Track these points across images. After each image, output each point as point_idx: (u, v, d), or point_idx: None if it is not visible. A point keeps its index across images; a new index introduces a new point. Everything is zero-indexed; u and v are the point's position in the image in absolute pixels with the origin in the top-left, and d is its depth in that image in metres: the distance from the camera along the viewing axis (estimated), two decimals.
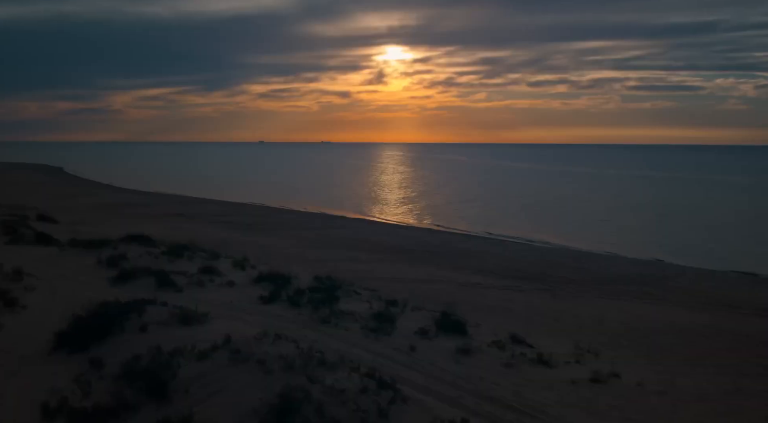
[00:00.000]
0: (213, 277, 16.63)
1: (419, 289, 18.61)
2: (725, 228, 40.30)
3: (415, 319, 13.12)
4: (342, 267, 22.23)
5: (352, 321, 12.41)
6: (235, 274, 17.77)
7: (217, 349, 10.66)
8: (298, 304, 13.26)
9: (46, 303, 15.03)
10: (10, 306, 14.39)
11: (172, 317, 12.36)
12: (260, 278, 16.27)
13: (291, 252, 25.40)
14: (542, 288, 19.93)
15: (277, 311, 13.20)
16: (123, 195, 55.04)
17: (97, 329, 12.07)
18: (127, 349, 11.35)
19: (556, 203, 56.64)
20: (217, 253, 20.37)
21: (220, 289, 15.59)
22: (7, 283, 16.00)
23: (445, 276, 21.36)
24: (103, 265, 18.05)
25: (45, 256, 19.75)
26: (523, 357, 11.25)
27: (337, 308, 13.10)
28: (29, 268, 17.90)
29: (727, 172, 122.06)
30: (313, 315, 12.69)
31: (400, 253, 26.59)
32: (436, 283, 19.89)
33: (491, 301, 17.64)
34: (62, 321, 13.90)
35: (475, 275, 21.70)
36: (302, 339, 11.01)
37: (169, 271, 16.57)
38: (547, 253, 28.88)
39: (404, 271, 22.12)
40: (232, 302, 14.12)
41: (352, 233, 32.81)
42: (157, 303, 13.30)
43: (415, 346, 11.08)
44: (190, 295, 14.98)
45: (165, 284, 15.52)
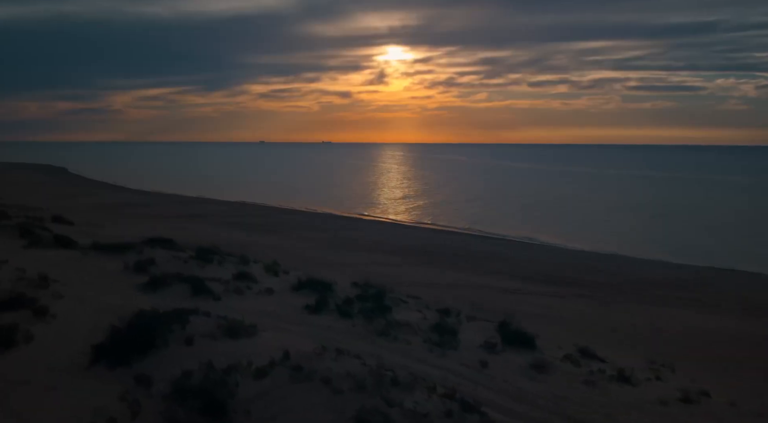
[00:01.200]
0: (249, 284, 15.79)
1: (459, 295, 17.81)
2: (744, 229, 39.59)
3: (474, 330, 12.33)
4: (368, 271, 21.41)
5: (410, 333, 11.60)
6: (269, 280, 16.96)
7: (275, 365, 9.84)
8: (348, 315, 12.44)
9: (76, 311, 14.19)
10: (39, 315, 13.52)
11: (219, 329, 11.54)
12: (299, 285, 15.43)
13: (311, 255, 24.59)
14: (582, 294, 19.16)
15: (327, 322, 12.38)
16: (131, 195, 54.18)
17: (140, 342, 11.26)
18: (174, 365, 10.54)
19: (566, 204, 55.97)
20: (247, 257, 19.54)
21: (258, 297, 14.76)
22: (34, 290, 15.14)
23: (479, 281, 20.57)
24: (130, 271, 17.21)
25: (67, 261, 18.91)
26: (602, 374, 10.46)
27: (391, 319, 12.29)
28: (53, 273, 17.05)
29: (733, 172, 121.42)
30: (367, 326, 11.87)
31: (423, 256, 25.79)
32: (474, 289, 19.11)
33: (536, 308, 16.85)
34: (95, 331, 13.07)
35: (510, 280, 20.92)
36: (364, 354, 10.22)
37: (203, 278, 15.75)
38: (571, 256, 28.13)
39: (434, 275, 21.32)
40: (276, 312, 13.30)
41: (366, 235, 32.01)
42: (199, 313, 12.49)
43: (486, 361, 10.27)
44: (229, 303, 14.16)
45: (201, 292, 14.70)
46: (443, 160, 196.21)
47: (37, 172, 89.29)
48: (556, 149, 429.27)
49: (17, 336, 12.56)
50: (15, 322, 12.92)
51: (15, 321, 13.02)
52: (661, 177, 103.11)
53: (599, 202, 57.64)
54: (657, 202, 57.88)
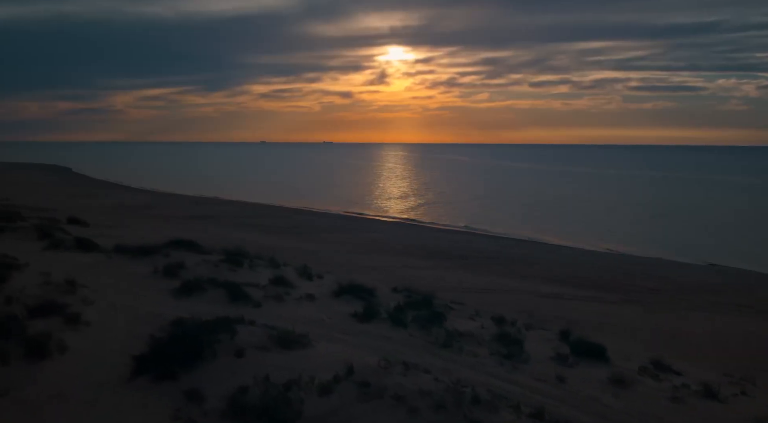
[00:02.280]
0: (287, 289, 15.09)
1: (500, 300, 17.11)
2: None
3: (536, 341, 11.62)
4: (402, 275, 20.75)
5: (474, 344, 10.89)
6: (305, 285, 16.26)
7: (340, 380, 9.13)
8: (402, 324, 11.72)
9: (109, 319, 13.47)
10: (72, 323, 12.79)
11: (269, 339, 10.83)
12: (340, 290, 14.72)
13: (338, 258, 23.88)
14: (627, 299, 18.44)
15: (380, 331, 11.66)
16: (140, 196, 53.46)
17: (186, 353, 10.55)
18: (226, 379, 9.84)
19: (581, 205, 55.29)
20: (276, 260, 18.83)
21: (300, 303, 14.05)
22: (62, 296, 14.40)
23: (515, 285, 19.86)
24: (159, 275, 16.48)
25: (91, 264, 18.19)
26: (687, 389, 9.75)
27: (449, 328, 11.58)
28: (79, 277, 16.31)
29: (747, 173, 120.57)
30: (426, 337, 11.15)
31: (453, 259, 25.08)
32: (513, 294, 18.39)
33: (585, 314, 16.14)
34: (133, 340, 12.37)
35: (547, 284, 20.22)
36: (432, 368, 9.52)
37: (239, 283, 15.04)
38: (601, 259, 27.40)
39: (469, 279, 20.62)
40: (322, 320, 12.59)
41: (390, 236, 31.28)
42: (245, 322, 11.78)
43: (563, 376, 9.57)
44: (270, 311, 13.46)
45: (238, 298, 13.99)
46: (446, 160, 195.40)
47: (42, 172, 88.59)
48: (558, 149, 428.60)
49: (51, 346, 11.87)
50: (47, 331, 12.22)
51: (47, 329, 12.33)
52: (671, 178, 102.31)
53: (614, 203, 56.97)
54: (675, 203, 57.18)
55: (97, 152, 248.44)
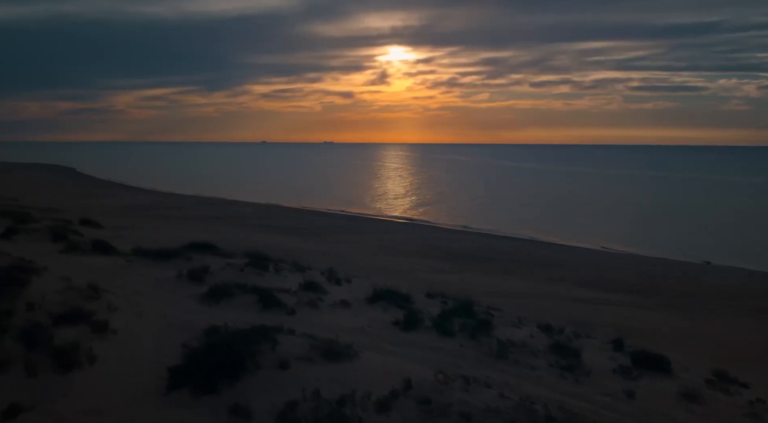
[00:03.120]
0: (319, 295, 14.52)
1: (536, 306, 16.54)
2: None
3: (591, 351, 11.04)
4: (427, 278, 20.19)
5: (529, 355, 10.31)
6: (335, 290, 15.68)
7: (398, 396, 8.56)
8: (449, 333, 11.15)
9: (137, 326, 12.90)
10: (99, 331, 12.22)
11: (313, 350, 10.26)
12: (375, 296, 14.14)
13: (360, 260, 23.30)
14: (664, 304, 17.85)
15: (427, 341, 11.09)
16: (147, 196, 52.89)
17: (227, 365, 9.97)
18: (272, 393, 9.27)
19: (593, 206, 54.63)
20: (300, 264, 18.25)
21: (335, 310, 13.48)
22: (86, 302, 13.82)
23: (547, 289, 19.29)
24: (184, 279, 15.92)
25: (111, 268, 17.62)
26: (763, 405, 9.18)
27: (500, 338, 10.99)
28: (101, 282, 15.71)
29: (747, 173, 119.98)
30: (478, 347, 10.58)
31: (477, 261, 24.49)
32: (548, 299, 17.82)
33: (627, 321, 15.55)
34: (164, 350, 11.80)
35: (579, 288, 19.64)
36: (494, 382, 8.94)
37: (270, 288, 14.46)
38: (626, 261, 26.72)
39: (498, 283, 20.04)
40: (362, 328, 12.01)
41: (406, 238, 30.67)
42: (284, 331, 11.21)
43: (632, 390, 8.99)
44: (306, 318, 12.88)
45: (271, 304, 13.41)
46: (449, 160, 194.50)
47: (46, 173, 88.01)
48: (559, 150, 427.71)
49: (80, 356, 11.30)
50: (75, 340, 11.66)
51: (74, 338, 11.76)
52: (677, 178, 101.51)
53: (625, 204, 56.33)
54: (684, 204, 56.56)
55: (99, 152, 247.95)
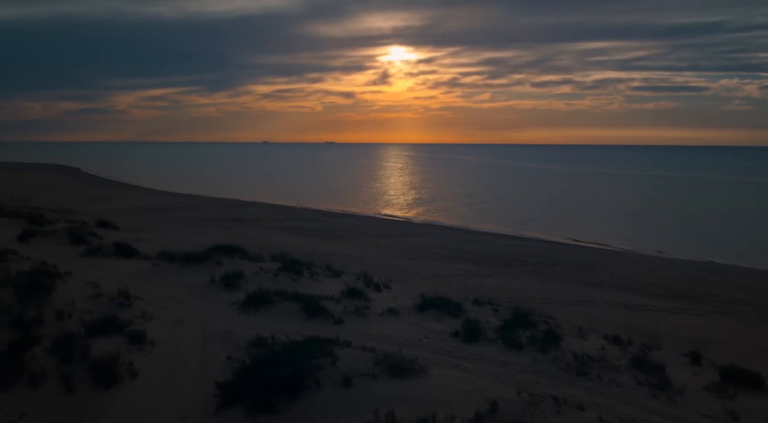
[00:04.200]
0: (363, 302, 13.74)
1: (587, 313, 15.76)
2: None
3: (671, 366, 10.23)
4: (465, 283, 19.43)
5: (610, 370, 9.52)
6: (379, 297, 14.90)
7: (482, 418, 7.77)
8: (517, 346, 10.36)
9: (176, 337, 12.12)
10: (137, 343, 11.46)
11: (377, 365, 9.48)
12: (424, 304, 13.36)
13: (391, 264, 22.51)
14: (718, 311, 17.04)
15: (495, 355, 10.30)
16: (157, 197, 52.09)
17: (285, 381, 9.19)
18: (339, 414, 8.48)
19: (614, 206, 53.71)
20: (335, 268, 17.47)
21: (384, 319, 12.69)
22: (119, 310, 13.06)
23: (593, 295, 18.47)
24: (217, 285, 15.17)
25: (139, 273, 16.87)
26: None
27: (575, 351, 10.20)
28: (129, 288, 14.91)
29: (760, 173, 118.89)
30: (554, 362, 9.78)
31: (512, 265, 23.64)
32: (596, 305, 17.02)
33: (681, 329, 14.77)
34: (209, 362, 11.02)
35: (624, 293, 18.82)
36: (585, 403, 8.15)
37: (312, 295, 13.67)
38: (664, 264, 25.71)
39: (540, 288, 19.23)
40: (420, 340, 11.22)
41: (433, 240, 29.85)
42: (339, 343, 10.42)
43: (735, 412, 8.20)
44: (355, 328, 12.10)
45: (316, 313, 12.63)
46: (455, 160, 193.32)
47: (53, 173, 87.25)
48: (561, 150, 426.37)
49: (120, 370, 10.54)
50: (114, 352, 10.88)
51: (113, 350, 10.99)
52: (689, 178, 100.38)
53: (645, 204, 55.42)
54: (705, 204, 55.62)
55: (102, 152, 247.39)
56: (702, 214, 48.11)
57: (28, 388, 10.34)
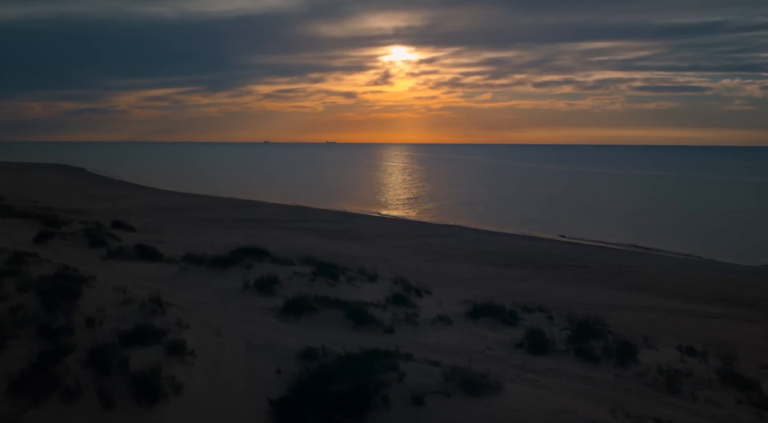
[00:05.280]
0: (410, 309, 12.98)
1: (637, 320, 15.01)
2: None
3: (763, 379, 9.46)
4: (502, 287, 18.66)
5: (704, 387, 8.76)
6: (422, 302, 14.14)
7: None
8: (593, 358, 9.59)
9: (216, 347, 11.34)
10: (177, 354, 10.67)
11: (447, 381, 8.71)
12: (475, 311, 12.60)
13: (419, 267, 21.75)
14: None
15: (571, 368, 9.53)
16: (166, 197, 51.31)
17: (349, 399, 8.43)
18: None
19: (628, 206, 52.92)
20: (371, 273, 16.70)
21: (437, 328, 11.93)
22: (152, 318, 12.24)
23: (635, 300, 17.73)
24: (252, 291, 14.41)
25: (166, 277, 16.10)
26: None
27: (656, 365, 9.43)
28: (158, 293, 14.08)
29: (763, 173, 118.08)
30: (638, 377, 9.01)
31: (545, 268, 22.88)
32: (643, 311, 16.27)
33: (743, 337, 14.00)
34: (256, 376, 10.22)
35: (669, 298, 18.05)
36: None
37: (356, 302, 12.92)
38: (700, 267, 24.84)
39: (580, 293, 18.47)
40: (484, 352, 10.45)
41: (455, 241, 29.09)
42: (400, 355, 9.65)
43: None
44: (408, 337, 11.34)
45: (363, 321, 11.87)
46: (461, 160, 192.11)
47: (57, 173, 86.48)
48: (562, 150, 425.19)
49: (163, 384, 9.77)
50: (155, 365, 10.12)
51: (154, 362, 10.23)
52: (698, 179, 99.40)
53: (663, 204, 54.59)
54: (722, 205, 54.75)
55: (104, 152, 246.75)
56: (723, 214, 47.30)
57: (63, 402, 9.55)
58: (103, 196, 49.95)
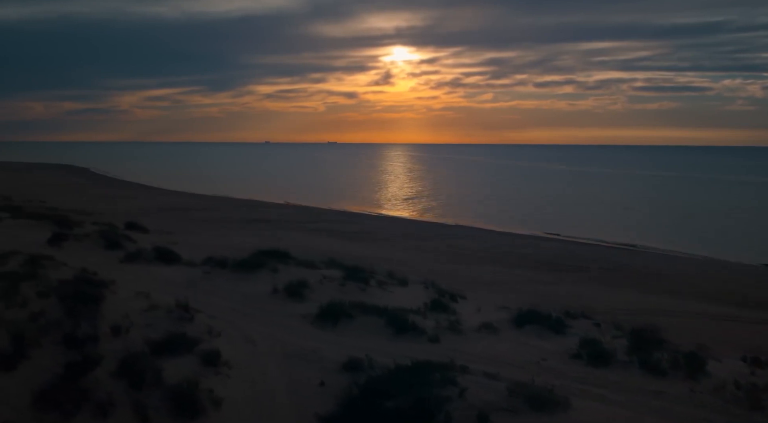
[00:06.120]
0: (450, 316, 12.37)
1: (679, 326, 14.36)
2: None
3: None
4: (535, 291, 18.05)
5: None
6: (460, 308, 13.52)
7: None
8: (660, 371, 8.99)
9: (252, 357, 10.74)
10: (211, 364, 10.09)
11: (512, 396, 8.11)
12: (520, 319, 11.99)
13: (444, 270, 21.15)
14: None
15: (638, 382, 8.93)
16: (175, 197, 50.69)
17: (407, 416, 7.82)
18: None
19: (644, 207, 52.19)
20: (401, 277, 16.09)
21: (483, 336, 11.33)
22: (181, 325, 11.64)
23: (672, 305, 17.12)
24: (281, 296, 13.82)
25: (189, 281, 15.49)
26: None
27: (733, 379, 8.82)
28: (182, 298, 13.46)
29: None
30: (714, 392, 8.40)
31: (569, 270, 22.28)
32: (684, 317, 15.68)
33: None
34: (298, 389, 9.60)
35: (712, 304, 17.41)
36: None
37: (393, 308, 12.30)
38: (729, 270, 24.11)
39: (613, 297, 17.89)
40: (540, 363, 9.84)
41: (476, 244, 28.45)
42: (455, 368, 9.04)
43: None
44: (453, 346, 10.75)
45: (405, 329, 11.27)
46: (465, 161, 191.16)
47: (62, 173, 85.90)
48: (564, 150, 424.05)
49: (202, 398, 9.19)
50: (193, 377, 9.54)
51: (189, 374, 9.65)
52: (707, 179, 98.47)
53: (681, 205, 53.90)
54: (736, 206, 54.04)
55: (106, 152, 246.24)
56: (748, 216, 46.55)
57: (95, 418, 8.97)
58: (110, 196, 49.36)
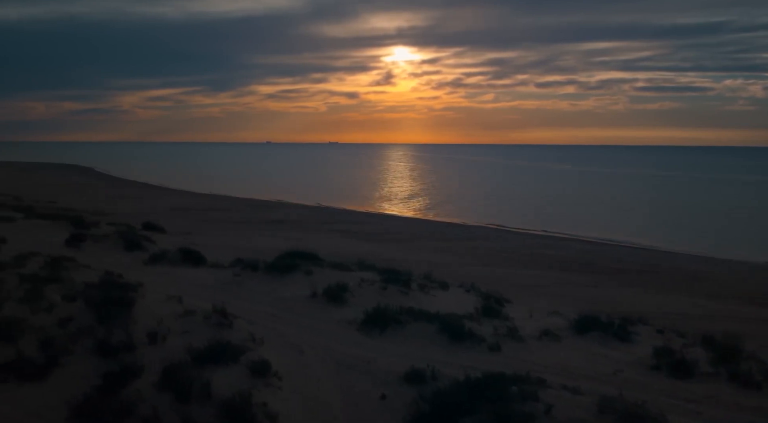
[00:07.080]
0: (509, 322, 11.67)
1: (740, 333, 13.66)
2: None
3: None
4: (580, 295, 17.38)
5: None
6: (513, 314, 12.82)
7: None
8: (753, 383, 8.31)
9: (301, 367, 10.05)
10: (260, 375, 9.39)
11: (603, 413, 7.42)
12: (583, 326, 11.28)
13: (476, 272, 20.45)
14: None
15: (731, 396, 8.25)
16: (185, 197, 50.05)
17: None
18: None
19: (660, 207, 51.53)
20: (440, 280, 15.41)
21: (545, 344, 10.66)
22: (221, 332, 10.92)
23: (722, 310, 16.43)
24: (321, 300, 13.15)
25: (220, 284, 14.84)
26: None
27: None
28: (216, 302, 12.73)
29: None
30: None
31: (606, 273, 21.59)
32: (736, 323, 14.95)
33: None
34: (358, 403, 8.94)
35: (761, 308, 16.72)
36: None
37: (444, 314, 11.62)
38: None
39: (660, 301, 17.15)
40: (616, 374, 9.15)
41: (502, 245, 27.75)
42: (531, 380, 8.36)
43: None
44: (516, 355, 10.08)
45: (461, 337, 10.59)
46: (468, 161, 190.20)
47: (68, 173, 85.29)
48: (565, 150, 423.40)
49: (256, 413, 8.51)
50: (245, 390, 8.86)
51: (240, 386, 8.97)
52: (713, 179, 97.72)
53: (694, 205, 53.24)
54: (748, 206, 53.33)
55: (107, 152, 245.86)
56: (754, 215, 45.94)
57: None
58: (121, 196, 48.71)
